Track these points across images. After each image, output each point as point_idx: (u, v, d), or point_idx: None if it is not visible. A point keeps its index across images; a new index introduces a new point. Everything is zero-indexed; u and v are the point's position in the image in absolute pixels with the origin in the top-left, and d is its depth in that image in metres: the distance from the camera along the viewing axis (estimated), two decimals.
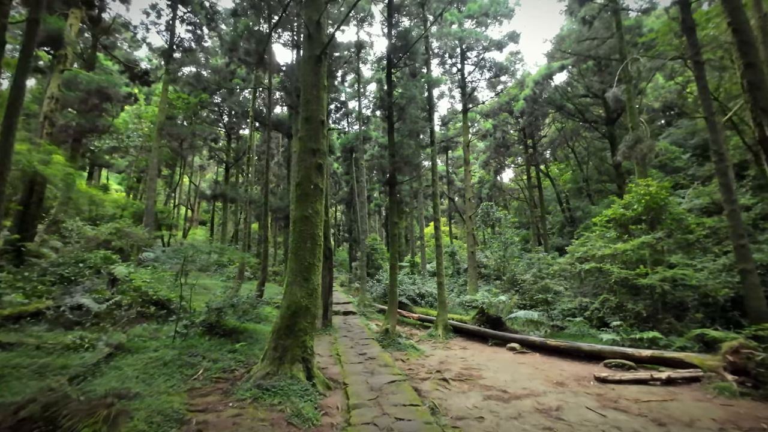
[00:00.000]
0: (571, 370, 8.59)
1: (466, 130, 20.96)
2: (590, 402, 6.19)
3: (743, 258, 11.09)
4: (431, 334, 12.21)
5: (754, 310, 10.67)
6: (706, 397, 6.68)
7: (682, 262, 11.18)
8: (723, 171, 11.81)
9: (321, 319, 10.81)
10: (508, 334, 11.23)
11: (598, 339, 10.48)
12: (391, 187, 11.37)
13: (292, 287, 5.76)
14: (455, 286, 20.90)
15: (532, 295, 13.98)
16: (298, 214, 6.10)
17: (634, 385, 7.45)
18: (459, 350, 10.60)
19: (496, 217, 18.30)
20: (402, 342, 9.96)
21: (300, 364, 5.29)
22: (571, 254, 14.70)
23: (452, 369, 8.22)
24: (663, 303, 11.33)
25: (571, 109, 22.89)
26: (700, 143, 26.09)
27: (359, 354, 7.62)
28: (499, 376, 7.79)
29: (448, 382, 6.95)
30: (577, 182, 32.41)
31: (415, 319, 14.23)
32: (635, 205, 12.70)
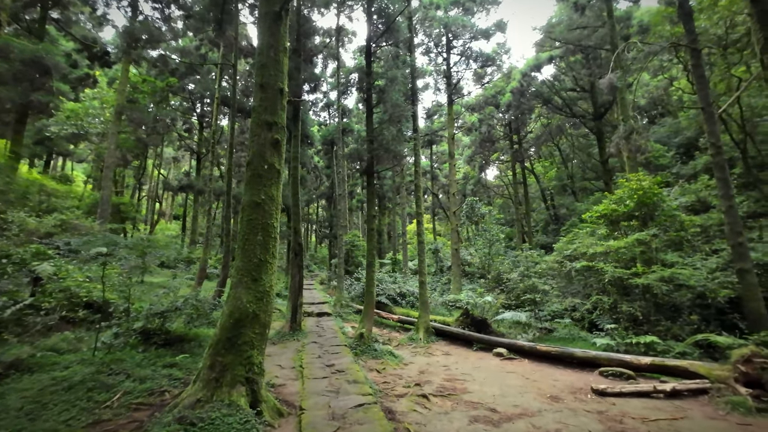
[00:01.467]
0: (564, 380, 7.73)
1: (451, 123, 20.05)
2: (593, 424, 5.29)
3: (741, 257, 10.48)
4: (412, 338, 11.24)
5: (752, 311, 10.06)
6: (719, 414, 5.89)
7: (679, 261, 10.50)
8: (720, 165, 11.19)
9: (289, 322, 9.68)
10: (495, 338, 10.35)
11: (591, 344, 9.70)
12: (368, 177, 10.31)
13: (237, 290, 4.64)
14: (438, 284, 20.01)
15: (518, 295, 13.17)
16: (247, 200, 4.98)
17: (636, 399, 6.62)
18: (441, 356, 9.65)
19: (480, 213, 17.48)
20: (378, 348, 8.93)
21: (242, 387, 4.19)
22: (558, 252, 13.96)
23: (433, 381, 7.24)
24: (656, 304, 10.67)
25: (559, 103, 22.27)
26: (683, 142, 25.99)
27: (326, 366, 6.56)
28: (486, 389, 6.85)
29: (428, 399, 5.95)
30: (561, 180, 32.04)
31: (395, 320, 13.24)
32: (627, 201, 12.00)
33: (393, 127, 10.31)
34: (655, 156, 24.64)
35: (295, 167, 10.80)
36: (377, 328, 13.17)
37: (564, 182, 30.73)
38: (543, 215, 33.02)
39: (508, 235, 30.83)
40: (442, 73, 21.38)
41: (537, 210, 34.44)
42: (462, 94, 22.78)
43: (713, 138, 11.19)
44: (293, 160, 10.96)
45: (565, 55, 19.83)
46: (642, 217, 11.80)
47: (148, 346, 6.10)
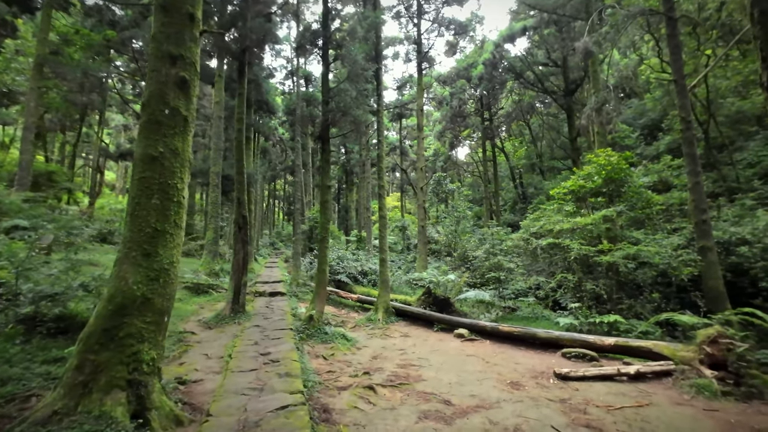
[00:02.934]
0: (526, 363, 7.24)
1: (420, 93, 19.00)
2: (556, 416, 4.73)
3: (704, 234, 10.33)
4: (370, 319, 10.52)
5: (711, 289, 9.99)
6: (684, 399, 5.52)
7: (644, 238, 10.23)
8: (689, 140, 10.89)
9: (230, 303, 8.67)
10: (456, 318, 9.80)
11: (554, 323, 9.33)
12: (323, 143, 9.23)
13: (122, 267, 3.59)
14: (404, 263, 19.44)
15: (483, 273, 12.71)
16: (140, 152, 3.86)
17: (599, 383, 6.19)
18: (399, 338, 9.00)
19: (448, 189, 16.83)
20: (329, 331, 8.13)
21: (122, 393, 3.22)
22: (525, 229, 13.55)
23: (386, 368, 6.52)
24: (619, 283, 10.45)
25: (531, 78, 21.67)
26: (648, 123, 26.28)
27: (261, 354, 5.67)
28: (442, 376, 6.21)
29: (374, 392, 5.20)
30: (530, 158, 31.99)
31: (354, 300, 12.49)
32: (595, 177, 11.59)
33: (352, 87, 9.19)
34: (621, 137, 24.77)
35: (239, 130, 9.53)
36: (335, 308, 12.40)
37: (533, 161, 30.67)
38: (511, 194, 33.04)
39: (476, 213, 30.68)
40: (412, 40, 20.14)
41: (506, 189, 34.44)
42: (432, 63, 21.68)
43: (684, 112, 10.84)
44: (238, 122, 9.66)
45: (539, 26, 19.07)
46: (609, 194, 11.45)
47: (32, 335, 4.97)
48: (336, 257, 15.11)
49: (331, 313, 11.52)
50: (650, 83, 27.14)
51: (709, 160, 18.50)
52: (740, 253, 10.15)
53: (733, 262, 10.35)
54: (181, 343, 6.67)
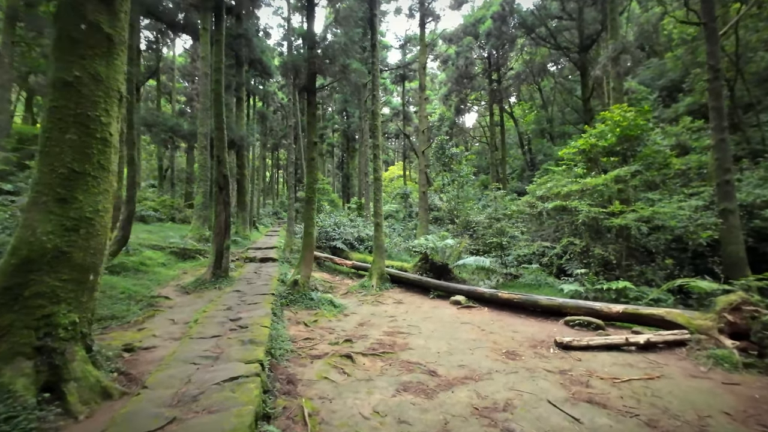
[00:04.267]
0: (525, 331, 6.70)
1: (423, 50, 17.71)
2: (554, 389, 4.17)
3: (726, 196, 9.45)
4: (363, 285, 10.04)
5: (730, 255, 9.23)
6: (701, 371, 4.92)
7: (661, 198, 9.42)
8: (716, 91, 9.80)
9: (211, 268, 8.18)
10: (453, 285, 9.25)
11: (558, 290, 8.73)
12: (308, 94, 8.40)
13: (30, 214, 2.97)
14: (404, 230, 18.85)
15: (485, 240, 12.05)
16: (51, 77, 3.15)
17: (605, 353, 5.62)
18: (392, 305, 8.50)
19: (451, 154, 15.93)
20: (316, 297, 7.63)
21: (27, 362, 2.69)
22: (531, 193, 12.76)
23: (370, 335, 6.02)
24: (629, 248, 9.74)
25: (543, 33, 20.08)
26: (667, 84, 24.66)
27: (229, 320, 5.17)
28: (431, 344, 5.69)
29: (352, 361, 4.69)
30: (540, 124, 30.55)
31: (349, 266, 12.00)
32: (609, 135, 10.63)
33: (341, 31, 8.23)
34: (638, 98, 23.31)
35: (217, 81, 8.70)
36: (330, 275, 11.95)
37: (543, 126, 29.26)
38: (519, 162, 31.84)
39: (483, 182, 29.70)
40: None
41: (514, 156, 33.19)
42: (437, 17, 20.14)
43: (712, 59, 9.69)
44: (216, 72, 8.81)
45: None
46: (623, 153, 10.54)
47: None
48: (332, 223, 14.55)
49: (324, 279, 11.07)
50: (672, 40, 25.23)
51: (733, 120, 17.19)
52: (765, 217, 9.32)
53: (756, 227, 9.56)
54: (152, 308, 6.22)
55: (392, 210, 22.97)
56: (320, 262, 12.77)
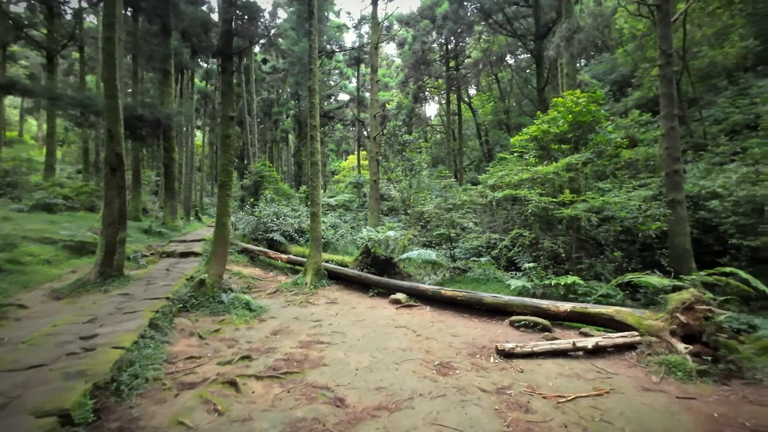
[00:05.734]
0: (466, 335, 5.91)
1: (375, 29, 16.54)
2: (486, 419, 3.33)
3: (675, 186, 9.16)
4: (296, 283, 8.93)
5: (677, 247, 8.99)
6: (653, 382, 4.31)
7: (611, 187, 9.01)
8: (668, 77, 9.47)
9: (98, 266, 6.72)
10: (394, 282, 8.36)
11: (506, 286, 8.08)
12: (224, 60, 7.05)
13: None
14: (355, 220, 17.80)
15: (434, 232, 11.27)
16: None
17: (551, 360, 4.93)
18: (323, 306, 7.47)
19: (404, 140, 15.03)
20: (226, 299, 6.42)
21: None
22: (483, 183, 12.12)
23: (281, 348, 4.95)
24: (579, 240, 9.32)
25: (500, 20, 19.53)
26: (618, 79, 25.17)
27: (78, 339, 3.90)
28: (352, 358, 4.72)
29: (237, 389, 3.61)
30: (497, 115, 30.43)
31: (285, 261, 10.79)
32: (560, 121, 10.12)
33: None
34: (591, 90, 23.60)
35: (108, 38, 7.12)
36: (262, 270, 10.70)
37: (500, 117, 29.13)
38: (477, 153, 31.66)
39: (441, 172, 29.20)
40: None
41: (472, 147, 32.96)
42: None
43: (665, 44, 9.33)
44: (107, 28, 7.23)
45: None
46: (575, 140, 10.06)
47: None
48: (271, 213, 13.22)
49: (254, 275, 9.84)
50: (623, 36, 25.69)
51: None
52: (710, 208, 9.16)
53: (701, 218, 9.40)
54: None
55: (345, 200, 21.82)
56: (253, 256, 11.47)
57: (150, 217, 16.16)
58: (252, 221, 13.24)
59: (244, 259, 11.25)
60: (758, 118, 14.28)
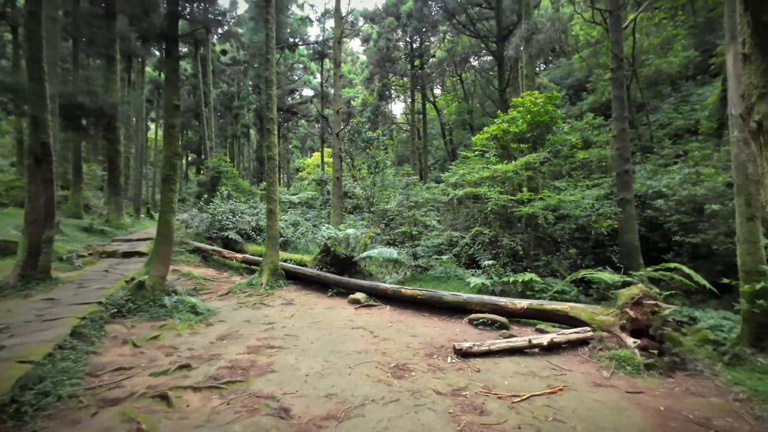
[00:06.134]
0: (425, 334, 5.79)
1: (338, 22, 16.18)
2: (440, 425, 3.18)
3: (624, 186, 9.58)
4: (251, 284, 8.48)
5: (626, 244, 9.40)
6: (604, 377, 4.36)
7: (566, 186, 9.25)
8: (619, 80, 9.87)
9: (20, 267, 6.00)
10: (354, 281, 8.13)
11: (466, 283, 8.06)
12: (168, 44, 6.50)
13: None
14: (318, 218, 17.39)
15: (396, 230, 11.15)
16: None
17: (507, 358, 4.90)
18: (278, 308, 7.11)
19: (368, 137, 14.82)
20: (169, 303, 5.93)
21: None
22: (446, 181, 12.15)
23: (226, 354, 4.59)
24: (537, 238, 9.52)
25: (464, 20, 19.76)
26: (574, 83, 26.26)
27: None
28: (303, 363, 4.44)
29: (169, 403, 3.25)
30: (461, 115, 30.90)
31: (240, 261, 10.27)
32: (519, 121, 10.29)
33: None
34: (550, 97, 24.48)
35: (32, 13, 6.36)
36: (216, 271, 10.12)
37: (464, 117, 29.59)
38: (442, 152, 32.02)
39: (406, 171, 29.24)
40: None
41: (437, 146, 33.30)
42: None
43: (616, 48, 9.71)
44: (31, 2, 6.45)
45: None
46: (534, 140, 10.26)
47: None
48: (227, 210, 12.57)
49: (206, 276, 9.26)
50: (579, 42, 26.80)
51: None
52: (656, 207, 9.64)
53: (648, 216, 9.87)
54: None
55: (308, 197, 21.30)
56: (206, 255, 10.83)
57: (93, 215, 14.92)
58: (206, 219, 12.53)
59: (195, 259, 10.59)
60: (698, 124, 15.33)
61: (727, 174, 8.91)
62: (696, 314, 6.69)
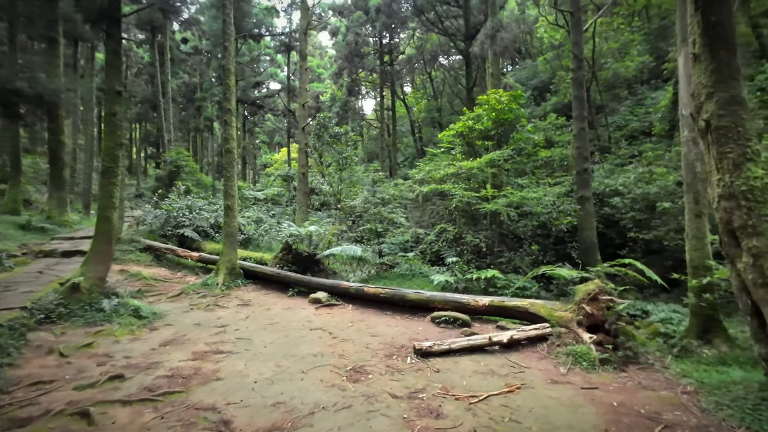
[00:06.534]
0: (387, 334, 5.63)
1: (304, 13, 15.71)
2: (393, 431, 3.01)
3: (584, 184, 9.82)
4: (206, 284, 8.02)
5: (585, 240, 9.65)
6: (561, 374, 4.36)
7: (529, 183, 9.37)
8: (579, 81, 10.09)
9: None
10: (315, 280, 7.86)
11: (430, 281, 7.98)
12: (109, 24, 5.94)
13: None
14: (283, 215, 16.89)
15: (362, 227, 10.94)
16: None
17: (467, 357, 4.82)
18: (233, 309, 6.73)
19: (334, 132, 14.48)
20: (108, 306, 5.44)
21: None
22: (412, 177, 12.06)
23: (167, 361, 4.23)
24: (501, 234, 9.60)
25: (432, 18, 19.76)
26: (538, 84, 26.97)
27: None
28: (253, 369, 4.16)
29: (90, 421, 2.89)
30: (431, 113, 31.08)
31: (195, 260, 9.72)
32: (485, 119, 10.33)
33: None
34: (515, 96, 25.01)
35: None
36: (169, 271, 9.54)
37: (433, 115, 29.75)
38: (412, 149, 32.10)
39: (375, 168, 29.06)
40: None
41: (407, 144, 33.35)
42: None
43: (576, 49, 9.93)
44: None
45: None
46: (498, 137, 10.34)
47: None
48: (184, 206, 11.91)
49: (158, 276, 8.70)
50: (544, 44, 27.51)
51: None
52: (613, 205, 9.95)
53: (605, 213, 10.19)
54: None
55: (274, 193, 20.66)
56: (160, 254, 10.19)
57: (34, 211, 13.73)
58: (161, 215, 11.80)
59: (147, 258, 9.93)
60: (652, 126, 16.07)
61: (677, 173, 9.31)
62: (648, 308, 6.95)
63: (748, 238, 3.52)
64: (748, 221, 3.52)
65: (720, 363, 4.65)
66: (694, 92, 4.18)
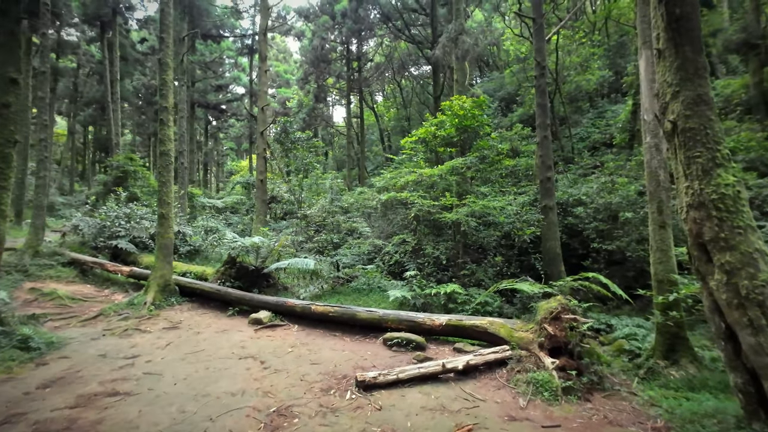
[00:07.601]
0: (329, 361, 4.92)
1: (264, 12, 15.00)
2: None
3: (547, 193, 9.56)
4: (133, 303, 7.03)
5: (548, 251, 9.32)
6: (520, 408, 3.81)
7: (491, 192, 8.98)
8: (542, 88, 9.88)
9: None
10: (258, 297, 7.05)
11: (387, 296, 7.35)
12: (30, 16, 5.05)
13: None
14: (240, 224, 15.86)
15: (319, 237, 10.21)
16: None
17: (417, 388, 4.20)
18: (156, 333, 5.82)
19: (295, 137, 13.72)
20: None
21: None
22: (374, 185, 11.50)
23: (36, 411, 3.35)
24: (464, 245, 9.15)
25: (399, 25, 19.53)
26: (505, 96, 27.35)
27: None
28: (147, 416, 3.35)
29: None
30: (400, 121, 30.90)
31: (126, 275, 8.64)
32: (447, 125, 9.96)
33: None
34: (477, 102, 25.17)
35: None
36: (95, 287, 8.44)
37: (402, 124, 29.55)
38: (380, 157, 31.72)
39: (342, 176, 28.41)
40: None
41: (376, 152, 32.96)
42: None
43: (539, 56, 9.73)
44: None
45: None
46: (461, 144, 9.97)
47: None
48: (122, 214, 10.77)
49: (78, 294, 7.60)
50: (510, 56, 27.95)
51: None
52: (576, 214, 9.74)
53: (569, 223, 9.96)
54: None
55: (234, 201, 19.54)
56: (86, 269, 9.03)
57: None
58: (95, 225, 10.61)
59: (71, 274, 8.76)
60: (612, 137, 16.33)
61: (639, 183, 9.20)
62: (612, 321, 6.62)
63: (720, 253, 3.11)
64: (720, 233, 3.11)
65: (688, 387, 4.26)
66: (659, 92, 3.83)
